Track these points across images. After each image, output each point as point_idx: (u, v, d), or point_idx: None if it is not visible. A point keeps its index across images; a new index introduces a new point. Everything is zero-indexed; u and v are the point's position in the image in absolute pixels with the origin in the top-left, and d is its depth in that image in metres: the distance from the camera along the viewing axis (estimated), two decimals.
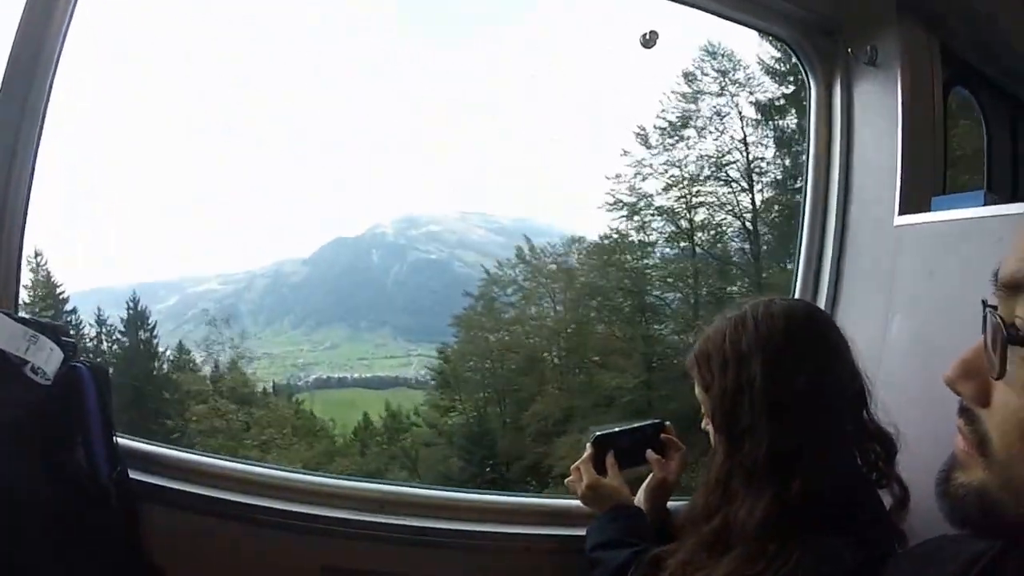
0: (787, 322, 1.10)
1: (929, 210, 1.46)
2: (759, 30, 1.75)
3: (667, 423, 1.44)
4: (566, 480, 1.44)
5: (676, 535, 1.24)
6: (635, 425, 1.44)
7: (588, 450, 1.41)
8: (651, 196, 11.32)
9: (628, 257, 11.78)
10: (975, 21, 1.60)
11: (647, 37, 1.64)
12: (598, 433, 1.42)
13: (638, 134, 10.98)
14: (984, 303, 0.58)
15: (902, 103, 1.53)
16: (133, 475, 1.38)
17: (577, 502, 1.42)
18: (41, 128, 1.41)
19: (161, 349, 11.42)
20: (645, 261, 11.75)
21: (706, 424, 1.19)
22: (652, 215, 11.51)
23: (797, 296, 1.73)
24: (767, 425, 1.04)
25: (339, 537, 1.47)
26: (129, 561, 1.34)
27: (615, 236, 11.39)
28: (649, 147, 11.03)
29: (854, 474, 1.08)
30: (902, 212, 1.51)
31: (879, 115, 1.60)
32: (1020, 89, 1.91)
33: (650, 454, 1.40)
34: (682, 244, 11.35)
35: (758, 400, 1.06)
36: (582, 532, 1.39)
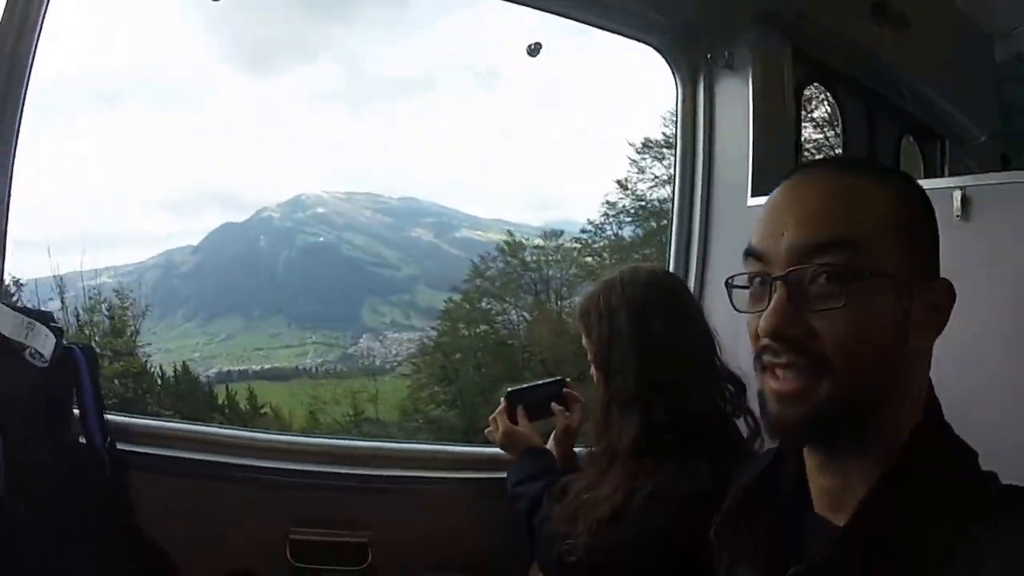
0: (647, 284, 1.37)
1: None
2: (630, 38, 1.93)
3: (567, 379, 1.69)
4: (485, 430, 1.67)
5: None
6: (540, 382, 1.68)
7: (502, 403, 1.65)
8: None
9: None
10: (827, 27, 1.87)
11: (532, 47, 1.82)
12: (509, 389, 1.66)
13: None
14: (766, 275, 0.72)
15: (753, 100, 1.79)
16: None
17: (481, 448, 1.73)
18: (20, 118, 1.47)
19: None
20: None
21: (592, 369, 1.44)
22: None
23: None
24: (634, 363, 1.31)
25: (307, 489, 1.65)
26: (120, 525, 1.46)
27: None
28: None
29: (711, 407, 1.32)
30: (754, 195, 1.75)
31: (735, 111, 1.85)
32: (874, 83, 2.19)
33: (555, 405, 1.65)
34: None
35: (626, 344, 1.32)
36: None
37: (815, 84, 2.12)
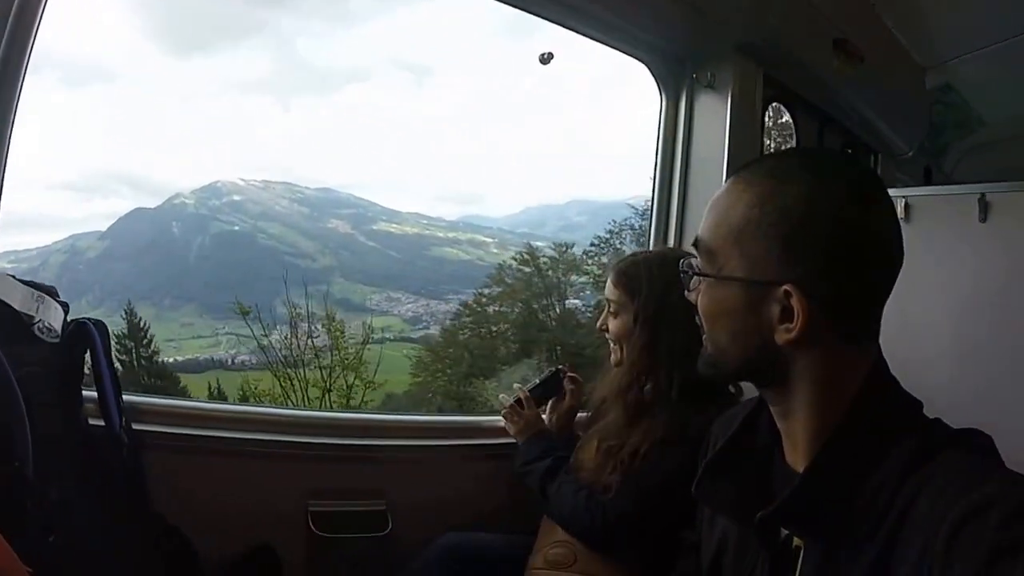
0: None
1: None
2: (624, 52, 2.13)
3: (563, 366, 1.89)
4: (503, 418, 1.83)
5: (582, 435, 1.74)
6: (544, 376, 1.88)
7: (510, 399, 1.84)
8: None
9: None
10: (794, 57, 2.14)
11: (545, 57, 1.98)
12: (528, 387, 1.85)
13: None
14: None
15: (730, 116, 2.03)
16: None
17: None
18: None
19: None
20: None
21: (604, 323, 1.65)
22: None
23: None
24: (684, 320, 1.47)
25: (322, 461, 1.74)
26: (139, 507, 1.45)
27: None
28: None
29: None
30: None
31: (712, 125, 2.10)
32: (825, 104, 2.49)
33: (566, 383, 1.87)
34: None
35: (679, 311, 1.42)
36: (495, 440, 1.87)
37: (777, 104, 2.39)
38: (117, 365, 1.56)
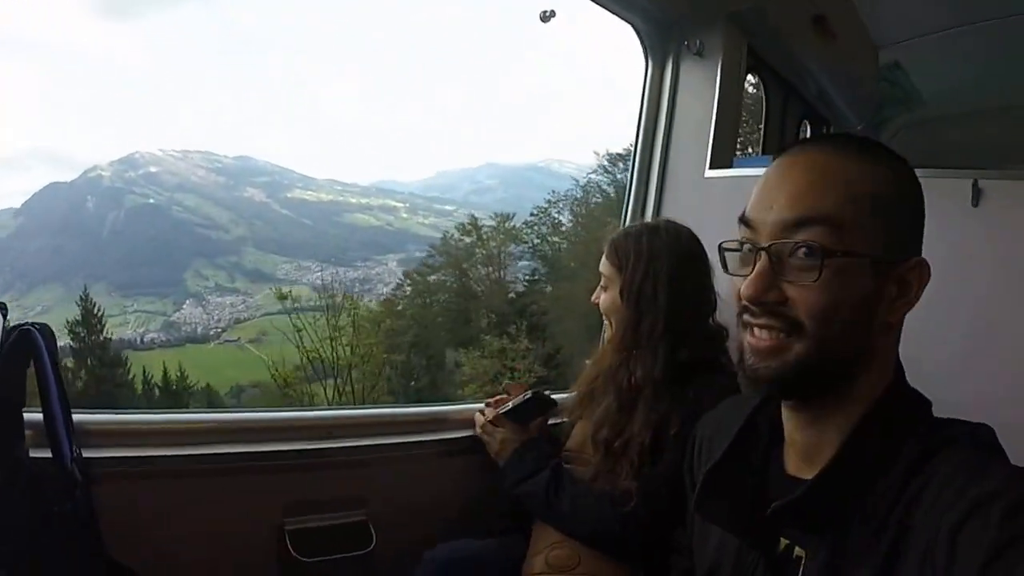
0: (688, 240, 1.55)
1: (731, 167, 2.00)
2: (613, 13, 2.04)
3: (538, 390, 1.71)
4: (484, 437, 1.70)
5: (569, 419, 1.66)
6: (520, 400, 1.67)
7: (482, 418, 1.71)
8: None
9: None
10: (775, 30, 2.15)
11: (546, 14, 1.88)
12: (501, 411, 1.68)
13: None
14: (754, 243, 0.78)
15: (719, 86, 2.02)
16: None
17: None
18: None
19: None
20: None
21: (597, 297, 1.58)
22: None
23: None
24: (665, 305, 1.47)
25: (296, 471, 1.56)
26: (93, 553, 1.23)
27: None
28: None
29: (711, 354, 1.48)
30: (712, 167, 2.02)
31: (698, 94, 2.07)
32: (792, 77, 2.56)
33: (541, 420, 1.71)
34: None
35: (661, 287, 1.47)
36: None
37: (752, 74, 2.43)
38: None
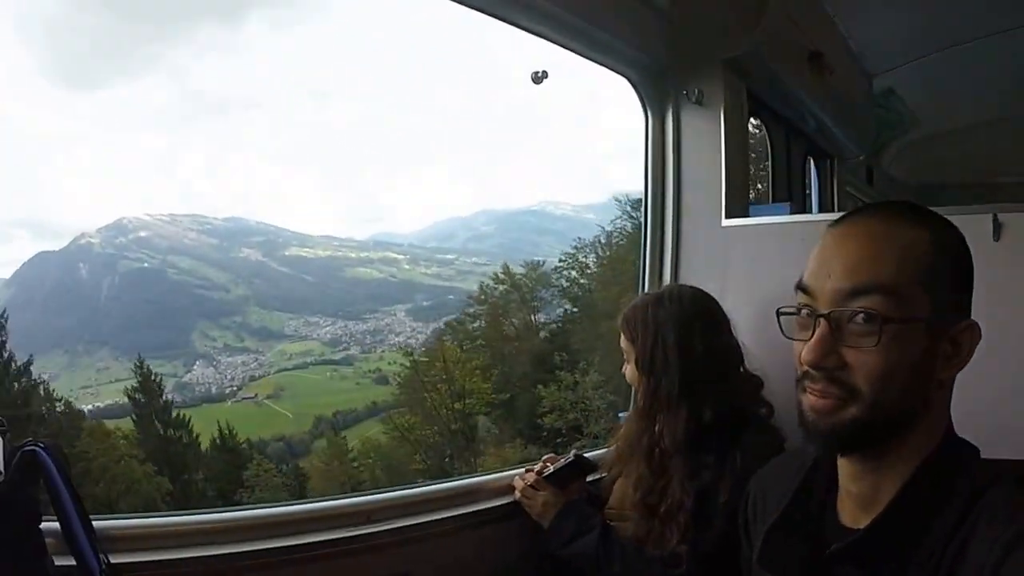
0: (692, 301, 1.57)
1: (748, 215, 1.98)
2: (608, 68, 2.06)
3: (580, 452, 1.73)
4: (522, 503, 1.69)
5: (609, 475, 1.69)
6: (562, 464, 1.68)
7: (521, 482, 1.70)
8: None
9: None
10: (772, 71, 2.16)
11: (538, 75, 1.88)
12: (545, 475, 1.68)
13: None
14: (812, 309, 0.82)
15: (725, 133, 2.02)
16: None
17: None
18: None
19: None
20: None
21: (624, 368, 1.62)
22: None
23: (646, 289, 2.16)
24: (676, 368, 1.49)
25: (338, 557, 1.51)
26: None
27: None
28: None
29: (739, 407, 1.50)
30: (728, 216, 2.00)
31: (705, 142, 2.07)
32: (790, 114, 2.57)
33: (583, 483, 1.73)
34: None
35: (670, 352, 1.51)
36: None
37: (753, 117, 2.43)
38: None
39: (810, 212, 2.72)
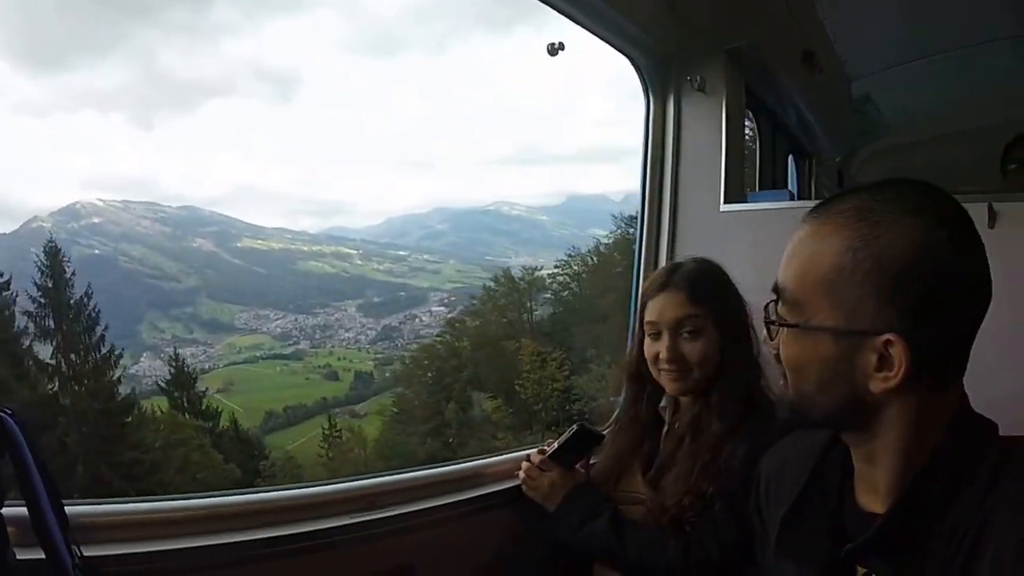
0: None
1: (746, 201, 2.03)
2: (613, 47, 2.05)
3: (583, 422, 1.67)
4: (523, 488, 1.62)
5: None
6: (564, 438, 1.62)
7: (526, 463, 1.63)
8: None
9: None
10: (768, 64, 2.23)
11: (554, 46, 1.88)
12: (549, 453, 1.61)
13: None
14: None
15: (725, 121, 2.07)
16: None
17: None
18: None
19: None
20: None
21: (683, 347, 1.49)
22: None
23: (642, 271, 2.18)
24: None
25: (340, 547, 1.41)
26: None
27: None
28: None
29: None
30: (727, 202, 2.05)
31: (705, 129, 2.10)
32: (778, 109, 2.65)
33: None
34: None
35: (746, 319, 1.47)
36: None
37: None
38: None
39: None
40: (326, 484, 1.55)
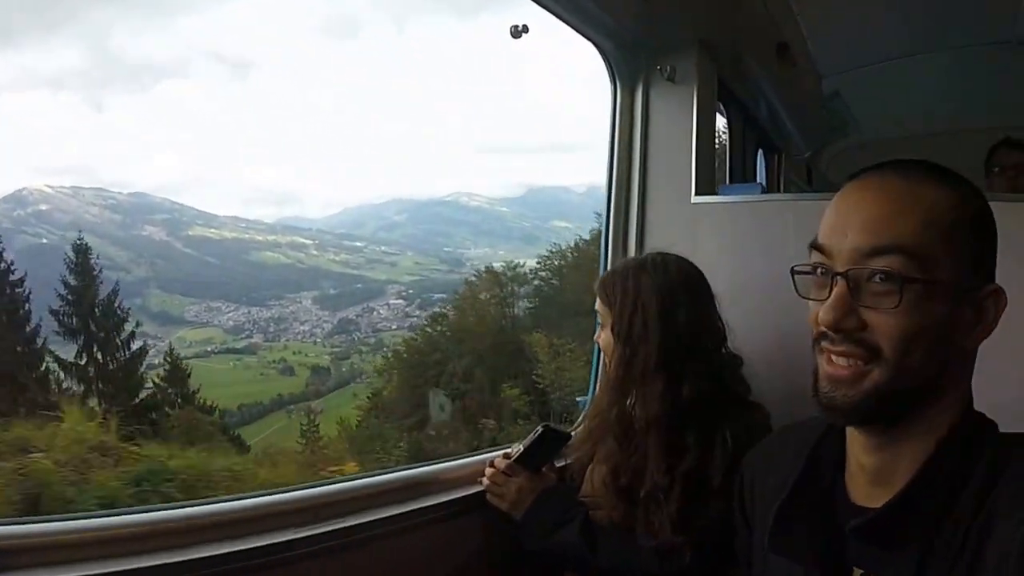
0: (678, 270, 1.47)
1: (716, 194, 1.97)
2: (579, 33, 1.96)
3: (548, 423, 1.60)
4: (487, 496, 1.55)
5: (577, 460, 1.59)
6: (529, 440, 1.54)
7: (490, 469, 1.55)
8: None
9: None
10: (741, 56, 2.17)
11: (518, 29, 1.78)
12: (514, 457, 1.53)
13: None
14: (828, 268, 0.78)
15: (696, 112, 1.99)
16: None
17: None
18: None
19: None
20: None
21: (598, 336, 1.53)
22: None
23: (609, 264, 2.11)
24: (657, 337, 1.40)
25: (276, 567, 1.26)
26: None
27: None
28: None
29: (725, 382, 1.44)
30: (698, 194, 1.99)
31: (675, 120, 2.02)
32: (748, 102, 2.61)
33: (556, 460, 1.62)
34: None
35: (651, 321, 1.41)
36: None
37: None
38: None
39: None
40: (266, 495, 1.38)
